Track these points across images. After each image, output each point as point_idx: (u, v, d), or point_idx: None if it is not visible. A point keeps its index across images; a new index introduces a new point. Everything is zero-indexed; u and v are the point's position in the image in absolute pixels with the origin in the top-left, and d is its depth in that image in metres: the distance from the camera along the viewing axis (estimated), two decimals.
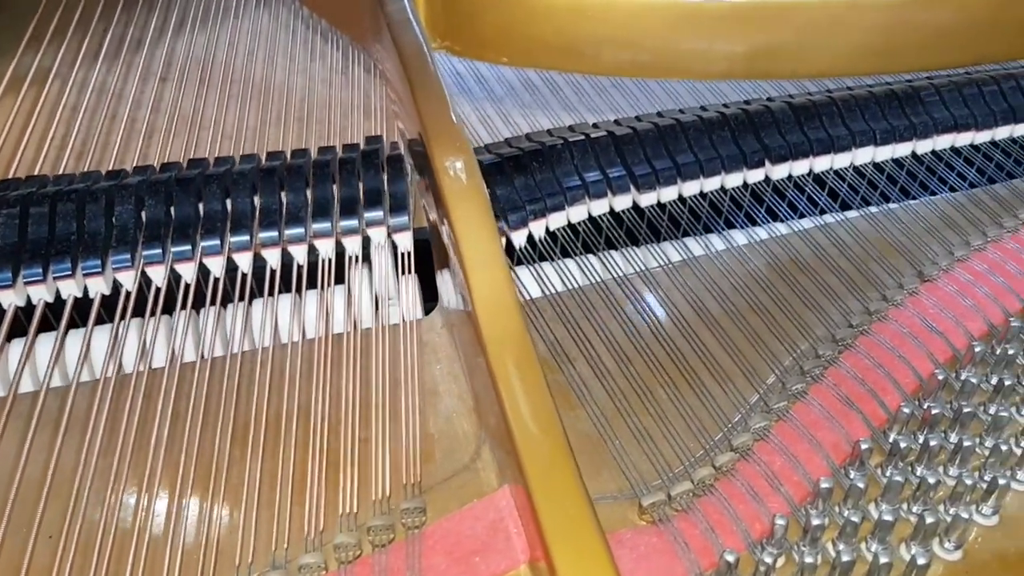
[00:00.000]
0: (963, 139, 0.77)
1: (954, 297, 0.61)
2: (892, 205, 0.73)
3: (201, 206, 0.63)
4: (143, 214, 0.62)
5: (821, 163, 0.74)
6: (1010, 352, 0.54)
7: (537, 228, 0.67)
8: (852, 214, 0.72)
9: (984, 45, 0.83)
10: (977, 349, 0.54)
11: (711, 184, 0.72)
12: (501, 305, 0.51)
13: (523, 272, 0.65)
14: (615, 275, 0.65)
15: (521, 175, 0.68)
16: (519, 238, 0.66)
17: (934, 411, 0.50)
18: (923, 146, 0.76)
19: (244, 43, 0.93)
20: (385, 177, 0.65)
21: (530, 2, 0.77)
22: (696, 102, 0.81)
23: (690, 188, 0.71)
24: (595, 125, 0.74)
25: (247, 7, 0.99)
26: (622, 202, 0.70)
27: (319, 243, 0.63)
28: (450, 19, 0.79)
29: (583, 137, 0.71)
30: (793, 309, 0.62)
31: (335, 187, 0.65)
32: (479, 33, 0.79)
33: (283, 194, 0.64)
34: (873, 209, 0.72)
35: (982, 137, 0.78)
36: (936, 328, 0.59)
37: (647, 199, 0.70)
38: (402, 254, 0.64)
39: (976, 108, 0.77)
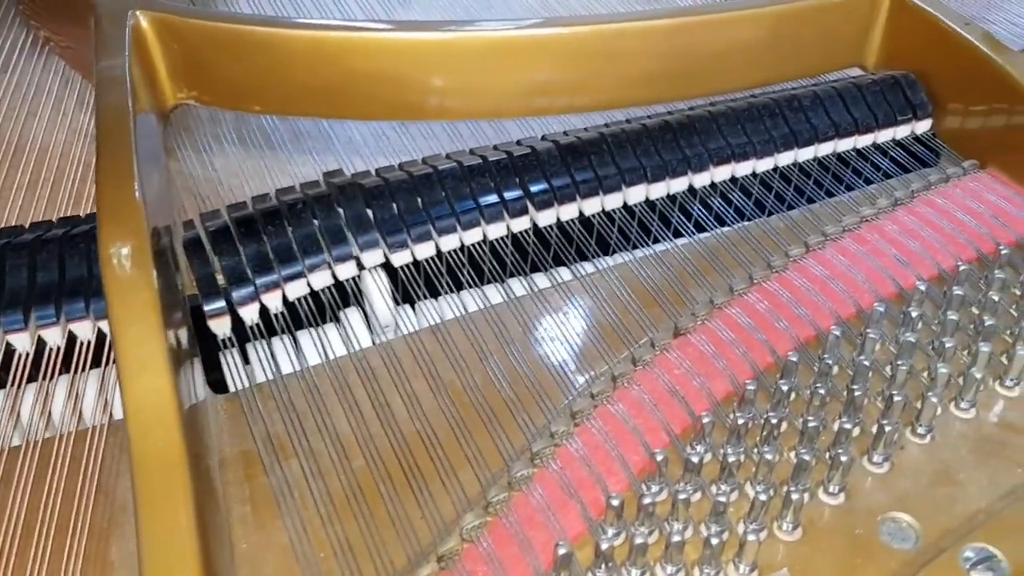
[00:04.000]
0: (743, 169, 0.73)
1: (706, 355, 0.57)
2: (658, 247, 0.68)
3: None
4: None
5: (590, 205, 0.69)
6: (740, 422, 0.50)
7: (272, 300, 0.61)
8: (615, 259, 0.68)
9: (768, 66, 0.80)
10: (706, 420, 0.50)
11: (471, 237, 0.67)
12: (155, 418, 0.45)
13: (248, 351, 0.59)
14: (351, 351, 0.60)
15: (253, 241, 0.62)
16: (249, 314, 0.60)
17: (645, 500, 0.46)
18: (700, 179, 0.72)
19: (7, 100, 0.85)
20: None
21: (273, 45, 0.70)
22: (503, 138, 0.76)
23: (447, 243, 0.66)
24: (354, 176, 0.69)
25: (21, 59, 0.91)
26: (372, 259, 0.64)
27: (13, 339, 0.57)
28: (191, 67, 0.72)
29: (327, 192, 0.65)
30: (537, 378, 0.57)
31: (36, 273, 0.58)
32: (225, 80, 0.73)
33: None
34: (638, 253, 0.68)
35: (763, 165, 0.74)
36: (679, 393, 0.54)
37: (399, 258, 0.65)
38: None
39: (756, 135, 0.74)
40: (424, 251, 0.66)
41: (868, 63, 0.84)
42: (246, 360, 0.61)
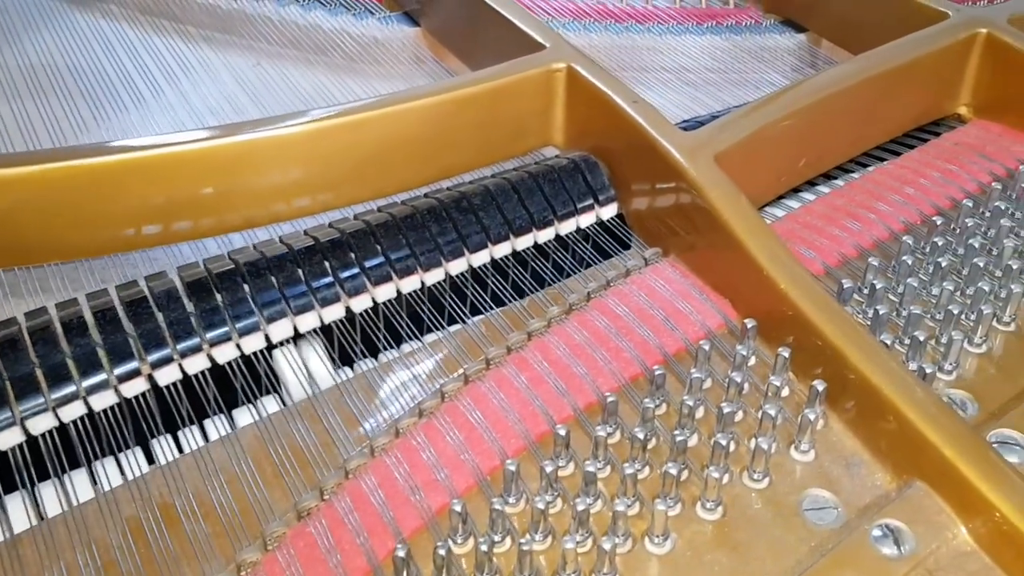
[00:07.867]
0: (408, 285, 0.66)
1: (320, 553, 0.49)
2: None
3: None
4: None
5: (224, 352, 0.60)
6: None
7: None
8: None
9: (445, 159, 0.74)
10: None
11: (100, 402, 0.56)
12: None
13: None
14: None
15: None
16: None
17: None
18: (359, 303, 0.64)
19: None
20: None
21: None
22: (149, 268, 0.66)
23: (70, 412, 0.56)
24: None
25: None
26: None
27: None
28: None
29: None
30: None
31: None
32: None
33: None
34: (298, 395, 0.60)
35: (431, 278, 0.66)
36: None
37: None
38: None
39: (420, 245, 0.66)
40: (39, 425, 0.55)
41: (558, 142, 0.79)
42: None
